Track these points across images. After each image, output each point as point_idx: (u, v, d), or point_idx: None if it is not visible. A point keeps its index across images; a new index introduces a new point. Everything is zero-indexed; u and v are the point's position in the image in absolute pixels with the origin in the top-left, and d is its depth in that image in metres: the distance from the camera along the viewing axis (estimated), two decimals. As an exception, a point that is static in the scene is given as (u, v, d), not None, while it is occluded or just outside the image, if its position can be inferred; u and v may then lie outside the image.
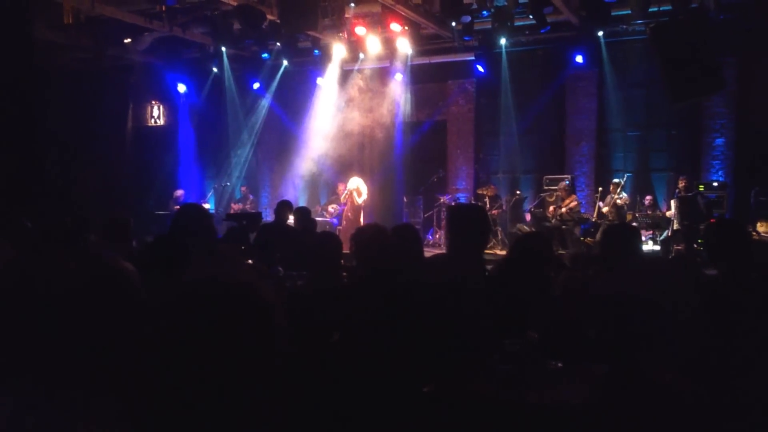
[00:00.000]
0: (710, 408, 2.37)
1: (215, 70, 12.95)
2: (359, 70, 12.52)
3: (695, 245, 8.91)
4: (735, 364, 2.50)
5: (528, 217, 11.57)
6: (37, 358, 1.15)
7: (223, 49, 12.03)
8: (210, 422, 1.05)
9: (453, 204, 10.99)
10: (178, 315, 1.09)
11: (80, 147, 11.87)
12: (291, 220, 6.92)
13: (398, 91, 12.41)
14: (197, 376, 1.05)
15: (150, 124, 15.05)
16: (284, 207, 6.80)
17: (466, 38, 10.61)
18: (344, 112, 12.61)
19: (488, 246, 6.10)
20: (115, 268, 1.28)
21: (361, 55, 11.70)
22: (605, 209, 10.10)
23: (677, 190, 9.80)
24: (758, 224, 8.76)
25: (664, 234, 9.86)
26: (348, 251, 3.17)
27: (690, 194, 9.58)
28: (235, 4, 9.43)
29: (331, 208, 12.31)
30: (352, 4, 9.93)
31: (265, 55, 12.27)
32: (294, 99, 13.31)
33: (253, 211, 7.55)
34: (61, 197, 9.14)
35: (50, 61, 10.44)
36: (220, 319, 1.07)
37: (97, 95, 12.77)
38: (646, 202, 10.35)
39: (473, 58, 11.58)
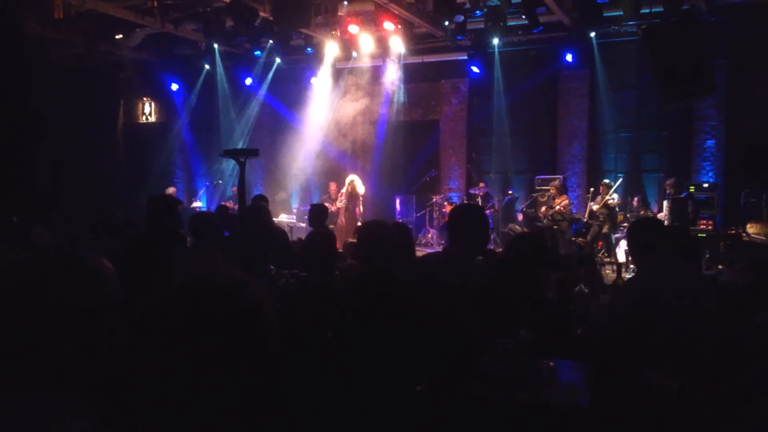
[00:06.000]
0: (699, 407, 2.38)
1: (207, 67, 12.88)
2: (352, 69, 12.50)
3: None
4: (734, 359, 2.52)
5: (520, 217, 11.60)
6: None
7: (216, 46, 11.96)
8: (201, 421, 1.05)
9: (456, 204, 11.00)
10: (170, 314, 1.08)
11: (70, 144, 11.77)
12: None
13: (391, 90, 12.41)
14: (188, 376, 1.04)
15: (141, 121, 14.95)
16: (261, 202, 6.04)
17: (459, 37, 10.62)
18: (337, 111, 12.59)
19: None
20: (70, 262, 1.18)
21: (354, 54, 11.68)
22: (595, 207, 10.13)
23: (667, 191, 9.86)
24: (748, 225, 8.82)
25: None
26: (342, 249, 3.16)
27: (681, 196, 9.65)
28: (227, 0, 9.38)
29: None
30: (346, 2, 9.90)
31: (257, 53, 12.21)
32: (286, 97, 13.28)
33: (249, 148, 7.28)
34: (51, 195, 9.05)
35: (40, 56, 10.34)
36: (211, 318, 1.06)
37: (87, 92, 12.65)
38: (635, 203, 10.40)
39: (466, 57, 11.60)
